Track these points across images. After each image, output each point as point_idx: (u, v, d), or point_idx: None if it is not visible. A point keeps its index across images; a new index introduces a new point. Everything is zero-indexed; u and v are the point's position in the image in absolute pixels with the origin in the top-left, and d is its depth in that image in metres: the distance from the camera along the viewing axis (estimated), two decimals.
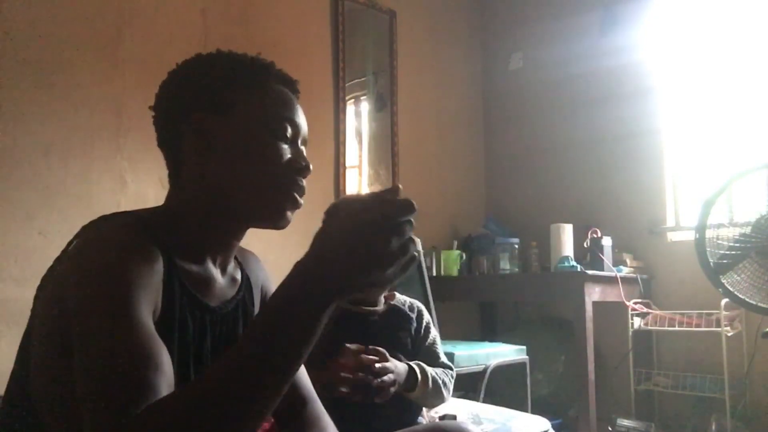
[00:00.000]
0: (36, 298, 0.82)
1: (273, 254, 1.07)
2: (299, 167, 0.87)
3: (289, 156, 0.86)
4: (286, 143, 0.87)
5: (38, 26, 2.26)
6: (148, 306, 0.73)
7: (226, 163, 0.84)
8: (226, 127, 0.85)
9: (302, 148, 0.91)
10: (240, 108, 0.85)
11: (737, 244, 2.43)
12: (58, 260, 0.82)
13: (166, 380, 0.66)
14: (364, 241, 0.63)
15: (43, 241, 2.19)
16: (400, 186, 0.69)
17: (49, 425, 0.75)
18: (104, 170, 2.39)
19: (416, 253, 0.67)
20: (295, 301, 0.64)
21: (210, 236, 0.88)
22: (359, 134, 3.39)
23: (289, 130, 0.87)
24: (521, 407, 2.54)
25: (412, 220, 0.66)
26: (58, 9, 2.31)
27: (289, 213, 0.87)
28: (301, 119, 0.91)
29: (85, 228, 0.81)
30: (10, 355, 0.82)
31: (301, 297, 0.64)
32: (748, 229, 2.41)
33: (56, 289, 0.77)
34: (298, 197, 0.87)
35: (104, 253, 0.74)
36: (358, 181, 3.35)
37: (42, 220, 2.20)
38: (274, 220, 0.87)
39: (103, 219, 0.81)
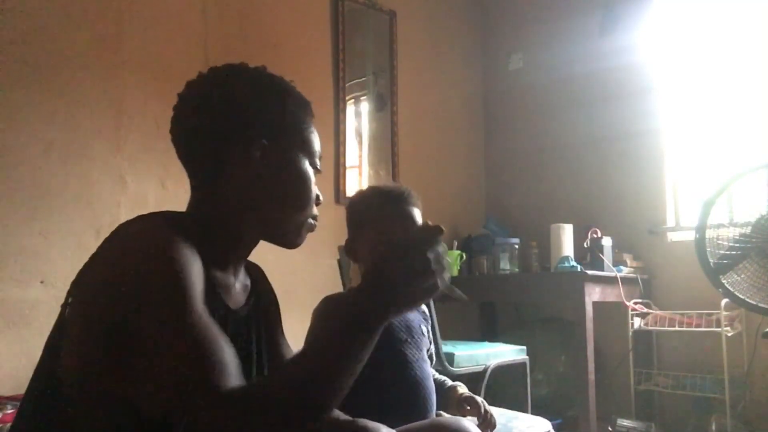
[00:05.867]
0: (69, 303, 0.82)
1: (272, 254, 1.08)
2: (319, 197, 1.01)
3: (315, 186, 0.99)
4: (315, 175, 0.99)
5: (38, 26, 2.26)
6: (201, 299, 0.78)
7: (270, 187, 0.93)
8: (278, 155, 0.94)
9: None
10: (291, 138, 0.96)
11: (737, 244, 2.43)
12: (91, 260, 0.82)
13: (235, 361, 0.76)
14: (391, 262, 0.77)
15: (43, 241, 2.19)
16: (429, 222, 0.81)
17: (83, 423, 0.77)
18: (104, 170, 2.39)
19: (439, 270, 0.78)
20: (354, 316, 0.77)
21: (232, 246, 0.95)
22: (359, 134, 3.39)
23: (318, 164, 1.00)
24: (521, 407, 2.54)
25: (436, 242, 0.78)
26: (58, 9, 2.31)
27: (305, 237, 1.01)
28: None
29: (122, 226, 0.83)
30: (10, 355, 0.83)
31: (356, 312, 0.77)
32: (748, 229, 2.41)
33: (100, 286, 0.78)
34: (315, 224, 1.01)
35: (158, 247, 0.77)
36: (358, 181, 3.35)
37: (42, 220, 2.20)
38: (293, 242, 0.99)
39: (141, 218, 0.84)
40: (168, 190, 2.50)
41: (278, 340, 1.08)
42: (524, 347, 2.81)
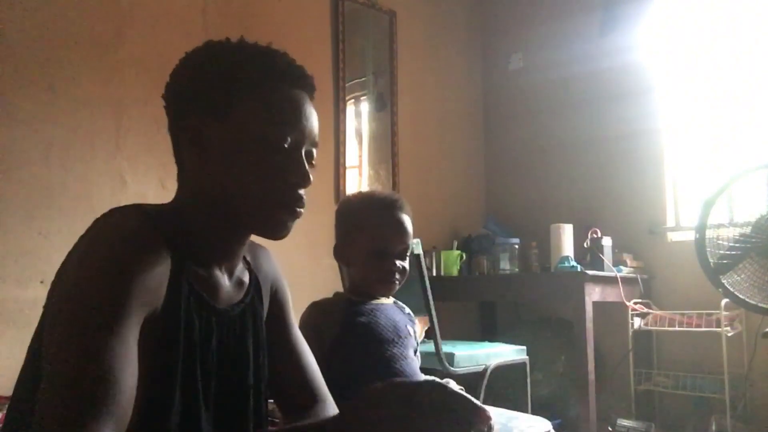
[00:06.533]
0: (49, 296, 0.81)
1: (273, 251, 1.07)
2: (297, 180, 0.83)
3: (286, 168, 0.83)
4: (284, 154, 0.82)
5: (38, 26, 2.26)
6: (142, 308, 0.72)
7: (221, 171, 0.82)
8: (221, 135, 0.82)
9: (312, 150, 0.88)
10: (238, 116, 0.81)
11: (737, 244, 2.43)
12: (68, 255, 0.81)
13: (125, 400, 0.67)
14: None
15: (43, 242, 2.19)
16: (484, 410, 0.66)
17: None
18: (104, 170, 2.39)
19: None
20: None
21: (213, 240, 0.86)
22: (359, 134, 3.39)
23: (289, 140, 0.82)
24: (521, 407, 2.54)
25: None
26: (58, 9, 2.31)
27: (288, 225, 0.85)
28: (309, 123, 0.86)
29: (97, 220, 0.79)
30: (10, 354, 0.82)
31: None
32: (748, 229, 2.41)
33: (61, 282, 0.76)
34: (297, 209, 0.84)
35: (110, 247, 0.73)
36: (358, 181, 3.35)
37: (42, 220, 2.20)
38: (272, 231, 0.85)
39: (115, 211, 0.80)
40: (168, 190, 2.49)
41: (285, 337, 1.00)
42: (524, 347, 2.81)
